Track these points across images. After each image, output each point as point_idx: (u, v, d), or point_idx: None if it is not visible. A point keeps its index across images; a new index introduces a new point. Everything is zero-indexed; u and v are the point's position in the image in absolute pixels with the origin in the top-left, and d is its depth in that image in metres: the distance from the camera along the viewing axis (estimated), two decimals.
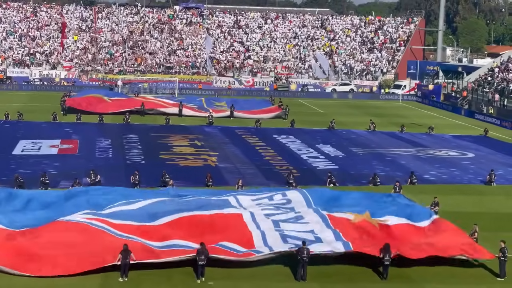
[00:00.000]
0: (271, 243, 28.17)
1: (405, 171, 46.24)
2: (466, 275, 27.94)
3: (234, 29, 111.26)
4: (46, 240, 27.70)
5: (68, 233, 28.23)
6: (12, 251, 26.90)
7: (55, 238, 27.79)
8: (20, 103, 75.47)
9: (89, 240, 27.74)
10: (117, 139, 55.69)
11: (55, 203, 32.20)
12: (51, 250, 27.03)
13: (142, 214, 30.61)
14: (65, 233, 28.23)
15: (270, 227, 29.63)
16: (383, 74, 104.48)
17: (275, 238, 28.67)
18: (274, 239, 28.56)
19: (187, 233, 28.77)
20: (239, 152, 52.59)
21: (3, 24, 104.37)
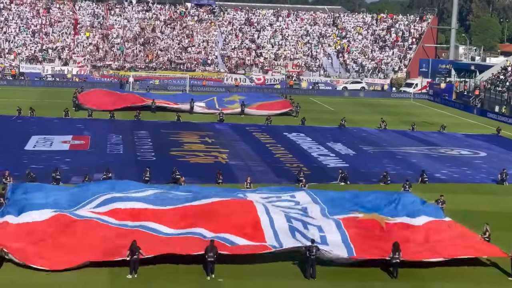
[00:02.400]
0: (280, 235, 28.23)
1: (416, 170, 46.11)
2: (477, 274, 27.84)
3: (246, 26, 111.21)
4: (56, 233, 27.90)
5: (76, 227, 28.50)
6: (26, 243, 27.06)
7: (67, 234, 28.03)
8: (33, 99, 75.71)
9: (97, 235, 27.99)
10: (128, 135, 55.83)
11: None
12: (60, 243, 27.27)
13: (152, 199, 31.01)
14: (74, 228, 28.52)
15: (279, 213, 29.89)
16: (394, 72, 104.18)
17: (284, 228, 28.67)
18: (283, 230, 28.55)
19: (198, 219, 28.95)
20: (250, 149, 52.60)
21: (16, 20, 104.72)
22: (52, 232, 28.11)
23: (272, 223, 28.93)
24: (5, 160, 44.35)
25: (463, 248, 28.37)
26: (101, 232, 28.33)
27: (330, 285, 26.17)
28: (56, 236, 27.85)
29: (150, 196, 31.88)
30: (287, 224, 29.04)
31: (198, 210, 29.98)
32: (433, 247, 28.36)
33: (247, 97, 74.88)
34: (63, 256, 26.61)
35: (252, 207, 30.09)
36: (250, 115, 69.22)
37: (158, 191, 32.97)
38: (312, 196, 33.71)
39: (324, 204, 32.30)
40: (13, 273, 25.91)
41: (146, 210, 30.00)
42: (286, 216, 29.62)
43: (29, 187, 33.92)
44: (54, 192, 32.93)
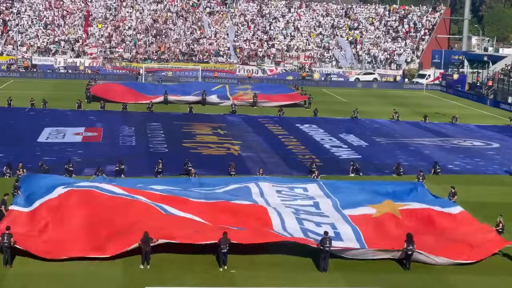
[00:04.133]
0: (289, 228, 28.34)
1: (429, 161, 45.98)
2: (490, 265, 27.70)
3: (258, 18, 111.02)
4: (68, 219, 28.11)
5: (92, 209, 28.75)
6: (36, 236, 27.20)
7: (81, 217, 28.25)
8: (45, 91, 75.98)
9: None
10: (140, 127, 55.93)
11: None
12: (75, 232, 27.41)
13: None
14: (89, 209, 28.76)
15: (291, 216, 29.72)
16: (407, 63, 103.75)
17: (296, 229, 28.63)
18: (294, 230, 28.53)
19: (209, 217, 29.03)
20: (262, 141, 52.58)
21: (28, 12, 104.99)
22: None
23: (283, 224, 28.87)
24: (18, 152, 44.58)
25: (475, 250, 28.10)
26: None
27: (343, 277, 26.13)
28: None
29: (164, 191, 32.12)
30: (299, 226, 28.97)
31: (210, 208, 30.04)
32: (446, 245, 28.08)
33: (259, 87, 75.13)
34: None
35: (264, 211, 30.06)
36: (262, 107, 69.15)
37: (171, 187, 33.10)
38: (324, 189, 33.70)
39: (336, 198, 32.26)
40: (26, 264, 26.01)
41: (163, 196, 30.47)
42: (297, 219, 29.49)
43: (43, 178, 34.18)
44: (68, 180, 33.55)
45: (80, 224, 27.85)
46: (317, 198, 32.69)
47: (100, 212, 28.54)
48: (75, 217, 28.32)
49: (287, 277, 25.91)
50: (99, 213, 28.45)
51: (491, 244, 28.42)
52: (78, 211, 28.67)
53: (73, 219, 28.16)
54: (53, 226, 27.84)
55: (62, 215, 28.43)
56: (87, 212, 28.62)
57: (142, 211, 28.78)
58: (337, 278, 26.04)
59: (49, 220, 28.25)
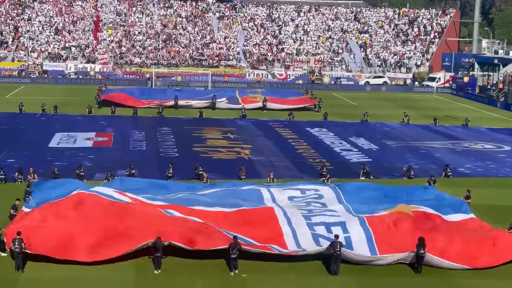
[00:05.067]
0: (303, 244, 27.91)
1: (440, 164, 45.85)
2: (502, 269, 27.57)
3: (267, 22, 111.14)
4: (80, 220, 28.18)
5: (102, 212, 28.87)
6: (50, 235, 27.25)
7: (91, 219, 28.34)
8: (56, 96, 76.28)
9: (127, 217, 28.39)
10: (151, 132, 56.04)
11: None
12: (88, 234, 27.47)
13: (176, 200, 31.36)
14: (99, 212, 28.89)
15: (302, 223, 29.40)
16: (417, 66, 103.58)
17: (307, 237, 28.42)
18: (306, 239, 28.27)
19: (221, 224, 28.94)
20: (272, 145, 52.58)
21: (39, 18, 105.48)
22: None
23: (294, 233, 28.60)
24: (30, 157, 44.76)
25: (491, 255, 27.97)
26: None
27: (354, 281, 26.08)
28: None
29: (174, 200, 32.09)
30: (310, 232, 28.69)
31: (220, 216, 30.01)
32: (460, 251, 27.95)
33: (269, 91, 75.48)
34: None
35: (274, 217, 29.78)
36: (272, 110, 69.16)
37: (178, 195, 33.14)
38: (336, 191, 33.62)
39: (348, 204, 32.15)
40: (38, 269, 26.08)
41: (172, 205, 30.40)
42: (308, 225, 29.19)
43: (54, 183, 34.45)
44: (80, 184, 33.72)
45: (86, 227, 27.89)
46: (328, 201, 32.59)
47: (108, 216, 28.61)
48: (81, 219, 28.38)
49: (298, 281, 25.88)
50: (107, 217, 28.50)
51: (507, 249, 28.24)
52: (83, 214, 28.78)
53: (80, 222, 28.21)
54: (59, 226, 27.83)
55: (68, 217, 28.48)
56: (94, 215, 28.71)
57: (149, 215, 28.80)
58: (349, 282, 25.99)
59: (53, 220, 28.32)
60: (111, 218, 28.24)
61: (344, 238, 28.01)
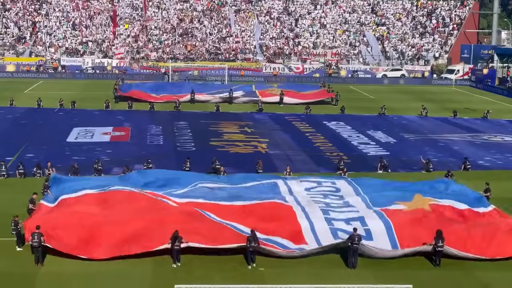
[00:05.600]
0: (321, 238, 27.78)
1: (459, 157, 45.58)
2: None
3: (284, 15, 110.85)
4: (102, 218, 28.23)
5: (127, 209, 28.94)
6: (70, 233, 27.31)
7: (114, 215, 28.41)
8: (74, 91, 76.58)
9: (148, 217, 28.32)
10: (168, 126, 56.11)
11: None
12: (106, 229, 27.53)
13: (195, 195, 31.23)
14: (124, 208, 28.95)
15: (320, 216, 29.29)
16: (435, 58, 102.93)
17: (325, 231, 28.29)
18: (324, 233, 28.15)
19: (239, 220, 28.86)
20: (289, 138, 52.47)
21: (56, 14, 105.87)
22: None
23: (313, 228, 28.45)
24: (48, 152, 45.03)
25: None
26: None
27: (372, 274, 26.00)
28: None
29: (191, 192, 32.08)
30: (328, 227, 28.56)
31: (239, 211, 29.95)
32: (478, 242, 27.76)
33: (285, 85, 75.40)
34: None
35: (291, 213, 29.61)
36: (289, 104, 68.99)
37: (197, 186, 33.09)
38: (353, 185, 33.52)
39: (365, 195, 32.05)
40: (58, 264, 26.24)
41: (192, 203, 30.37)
42: (326, 220, 29.09)
43: (73, 179, 34.69)
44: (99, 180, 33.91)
45: (107, 223, 27.93)
46: (346, 194, 32.49)
47: (128, 212, 28.66)
48: (102, 216, 28.45)
49: (316, 274, 25.83)
50: (125, 215, 28.52)
51: None
52: (105, 210, 28.87)
53: (101, 218, 28.27)
54: (76, 222, 27.88)
55: (86, 214, 28.55)
56: (116, 211, 28.79)
57: (169, 213, 28.80)
58: (367, 275, 25.90)
59: (77, 217, 28.40)
60: (129, 217, 28.23)
61: (363, 230, 28.00)
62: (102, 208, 29.08)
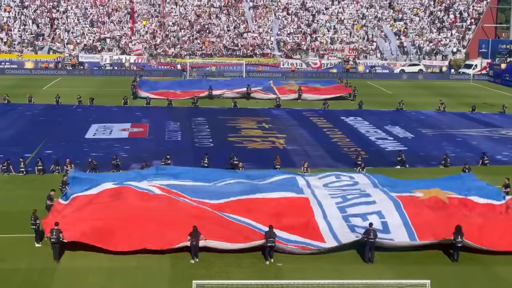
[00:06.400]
0: (339, 235, 27.80)
1: (477, 152, 45.42)
2: None
3: (301, 11, 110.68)
4: (121, 213, 28.37)
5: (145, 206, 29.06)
6: (88, 226, 27.48)
7: (132, 211, 28.54)
8: (92, 88, 76.95)
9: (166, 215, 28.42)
10: (185, 122, 56.30)
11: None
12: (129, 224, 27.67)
13: (212, 192, 31.29)
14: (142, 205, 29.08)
15: (337, 215, 29.32)
16: (453, 53, 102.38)
17: (342, 228, 28.32)
18: (342, 230, 28.17)
19: (257, 216, 28.88)
20: (307, 134, 52.49)
21: (74, 10, 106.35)
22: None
23: (330, 227, 28.48)
24: (67, 149, 45.36)
25: None
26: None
27: (390, 269, 26.00)
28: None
29: (208, 188, 32.17)
30: (346, 224, 28.64)
31: (255, 204, 29.99)
32: (492, 236, 27.70)
33: (303, 81, 75.49)
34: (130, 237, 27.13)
35: (309, 210, 29.60)
36: (307, 100, 68.94)
37: (214, 183, 33.19)
38: (371, 178, 33.58)
39: (383, 187, 32.12)
40: (76, 259, 26.47)
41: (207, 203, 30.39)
42: (344, 218, 29.10)
43: (91, 175, 34.98)
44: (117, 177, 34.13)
45: (127, 218, 28.07)
46: (364, 186, 32.55)
47: (146, 209, 28.80)
48: (120, 211, 28.60)
49: (333, 269, 25.86)
50: (145, 210, 28.69)
51: None
52: (123, 205, 29.03)
53: (119, 213, 28.42)
54: (94, 217, 28.06)
55: (104, 210, 28.73)
56: (134, 207, 28.95)
57: (188, 212, 28.90)
58: (385, 270, 25.91)
59: (94, 209, 28.64)
60: (145, 213, 28.35)
61: (380, 223, 28.09)
62: (121, 204, 29.22)
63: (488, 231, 27.71)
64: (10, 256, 26.70)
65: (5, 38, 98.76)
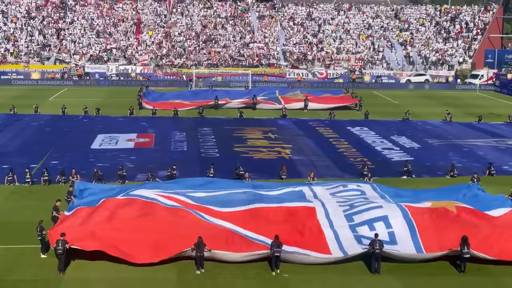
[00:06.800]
0: (346, 246, 27.55)
1: (483, 162, 45.24)
2: None
3: (307, 21, 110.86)
4: (126, 222, 28.32)
5: (147, 215, 29.02)
6: (95, 235, 27.42)
7: (136, 221, 28.50)
8: (98, 98, 77.09)
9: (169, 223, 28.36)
10: (191, 132, 56.29)
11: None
12: (134, 235, 27.57)
13: (217, 201, 31.17)
14: (145, 214, 29.05)
15: (343, 224, 29.14)
16: (459, 63, 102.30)
17: (349, 239, 28.10)
18: (349, 241, 27.95)
19: (261, 227, 28.71)
20: (313, 144, 52.40)
21: (81, 21, 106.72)
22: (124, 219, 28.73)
23: (337, 236, 28.26)
24: (73, 159, 45.32)
25: None
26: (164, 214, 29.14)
27: (396, 280, 25.84)
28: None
29: (212, 197, 32.05)
30: (353, 234, 28.41)
31: (260, 214, 29.83)
32: (498, 245, 27.53)
33: (309, 91, 75.59)
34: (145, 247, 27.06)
35: (315, 220, 29.31)
36: (313, 110, 68.91)
37: (222, 192, 33.10)
38: (377, 190, 33.45)
39: (390, 198, 32.00)
40: (83, 270, 26.36)
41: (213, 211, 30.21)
42: (350, 227, 28.85)
43: (97, 186, 34.91)
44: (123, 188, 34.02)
45: (130, 228, 28.02)
46: (371, 196, 32.42)
47: (149, 220, 28.70)
48: (126, 221, 28.54)
49: (340, 280, 25.74)
50: (149, 221, 28.60)
51: None
52: (128, 216, 28.97)
53: (124, 224, 28.37)
54: (101, 227, 28.01)
55: (110, 220, 28.67)
56: (138, 218, 28.88)
57: (191, 221, 28.78)
58: (392, 281, 25.76)
59: (101, 220, 28.61)
60: (152, 222, 28.30)
61: (387, 234, 27.86)
62: (126, 214, 29.17)
63: (495, 240, 27.54)
64: (16, 266, 26.64)
65: (12, 48, 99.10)
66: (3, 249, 28.37)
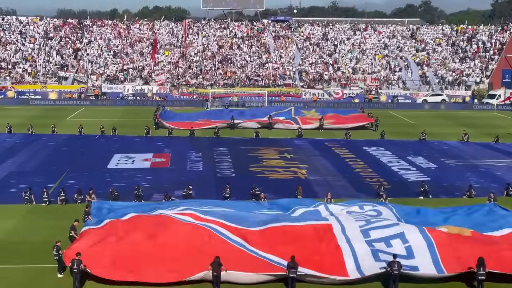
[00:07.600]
0: (363, 265, 27.33)
1: (501, 183, 44.90)
2: None
3: (323, 41, 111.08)
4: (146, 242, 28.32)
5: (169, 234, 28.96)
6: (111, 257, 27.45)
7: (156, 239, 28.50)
8: (115, 118, 77.42)
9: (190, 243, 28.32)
10: (207, 152, 56.34)
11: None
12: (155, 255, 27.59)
13: (234, 218, 31.09)
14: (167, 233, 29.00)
15: (360, 239, 29.03)
16: (476, 83, 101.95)
17: (366, 255, 27.92)
18: (366, 257, 27.76)
19: (277, 248, 28.55)
20: (329, 164, 52.27)
21: (98, 41, 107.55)
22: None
23: (353, 251, 28.18)
24: (89, 179, 45.49)
25: None
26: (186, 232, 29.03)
27: None
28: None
29: (229, 213, 32.07)
30: (369, 249, 28.33)
31: (276, 233, 29.69)
32: None
33: (325, 111, 75.53)
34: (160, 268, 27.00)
35: (332, 235, 29.27)
36: (329, 129, 68.84)
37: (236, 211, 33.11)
38: (393, 212, 33.34)
39: (405, 221, 31.88)
40: None
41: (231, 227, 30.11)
42: (367, 242, 28.77)
43: (114, 205, 35.02)
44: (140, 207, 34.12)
45: (147, 248, 28.02)
46: (387, 216, 32.32)
47: (169, 238, 28.70)
48: (142, 240, 28.54)
49: None
50: (168, 239, 28.60)
51: None
52: (145, 235, 28.96)
53: (141, 242, 28.37)
54: (121, 247, 28.03)
55: (126, 239, 28.68)
56: (155, 236, 28.87)
57: (209, 240, 28.72)
58: None
59: (116, 240, 28.61)
60: (168, 241, 28.29)
61: (404, 248, 27.70)
62: (142, 233, 29.14)
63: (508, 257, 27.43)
64: (33, 286, 26.71)
65: (30, 69, 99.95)
66: (21, 268, 28.44)
